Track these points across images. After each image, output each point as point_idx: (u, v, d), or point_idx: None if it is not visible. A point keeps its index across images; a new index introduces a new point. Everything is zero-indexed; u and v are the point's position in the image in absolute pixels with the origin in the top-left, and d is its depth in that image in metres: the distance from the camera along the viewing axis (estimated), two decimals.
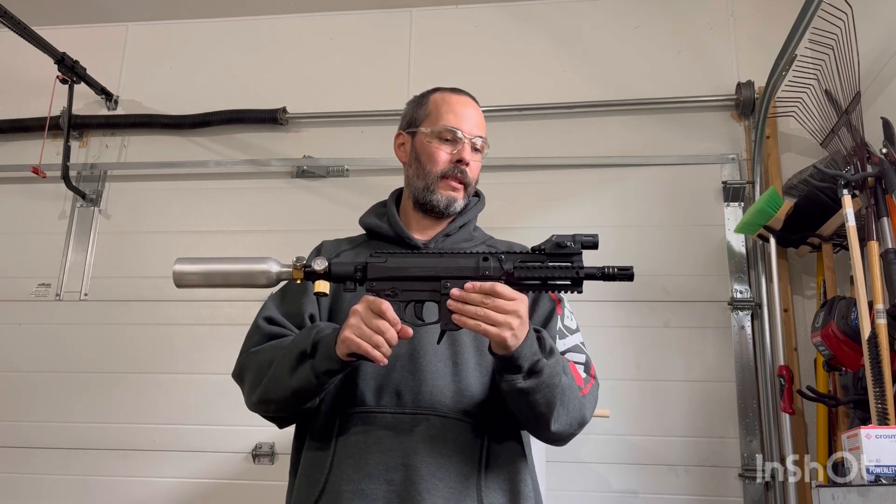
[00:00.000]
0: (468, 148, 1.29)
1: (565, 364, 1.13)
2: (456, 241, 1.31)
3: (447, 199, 1.28)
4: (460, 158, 1.28)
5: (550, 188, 2.59)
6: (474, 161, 1.31)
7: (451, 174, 1.27)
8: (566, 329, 1.26)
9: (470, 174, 1.30)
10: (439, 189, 1.28)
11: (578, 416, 1.14)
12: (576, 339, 1.26)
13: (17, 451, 2.54)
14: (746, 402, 2.28)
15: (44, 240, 2.79)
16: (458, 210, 1.30)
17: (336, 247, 1.34)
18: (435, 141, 1.29)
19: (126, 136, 2.90)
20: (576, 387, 1.13)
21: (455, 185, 1.28)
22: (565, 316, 1.27)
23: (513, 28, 2.79)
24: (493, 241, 1.35)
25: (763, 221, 2.21)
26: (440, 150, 1.28)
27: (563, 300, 1.28)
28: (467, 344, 1.18)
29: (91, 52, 2.85)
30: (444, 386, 1.15)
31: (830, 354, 1.89)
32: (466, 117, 1.32)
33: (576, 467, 2.29)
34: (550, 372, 1.05)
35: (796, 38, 1.98)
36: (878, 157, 1.84)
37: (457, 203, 1.29)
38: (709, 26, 2.68)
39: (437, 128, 1.29)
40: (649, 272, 2.43)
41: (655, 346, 2.38)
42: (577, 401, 1.13)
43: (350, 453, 1.12)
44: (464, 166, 1.28)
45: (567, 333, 1.26)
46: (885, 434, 1.40)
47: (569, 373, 1.13)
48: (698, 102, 2.58)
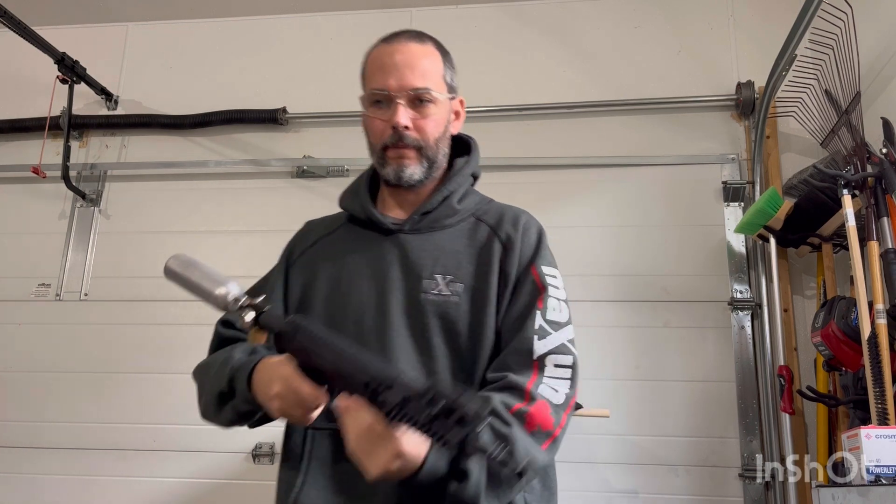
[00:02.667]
0: (401, 109, 1.07)
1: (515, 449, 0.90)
2: (437, 219, 1.13)
3: (395, 171, 1.10)
4: (394, 124, 1.08)
5: (550, 188, 2.59)
6: (422, 118, 1.09)
7: (390, 144, 1.09)
8: (550, 325, 1.06)
9: (416, 136, 1.09)
10: (388, 161, 1.11)
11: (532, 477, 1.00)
12: (562, 336, 1.06)
13: (17, 451, 2.54)
14: (746, 402, 2.28)
15: (44, 240, 2.79)
16: (421, 178, 1.12)
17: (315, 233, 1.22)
18: (371, 108, 1.11)
19: (126, 136, 2.90)
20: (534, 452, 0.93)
21: (399, 151, 1.10)
22: (549, 308, 1.06)
23: (513, 28, 2.79)
24: (485, 210, 1.17)
25: (763, 221, 2.21)
26: (375, 119, 1.11)
27: (550, 286, 1.09)
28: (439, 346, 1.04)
29: (91, 52, 2.85)
30: None
31: (830, 354, 1.89)
32: (394, 69, 1.09)
33: (576, 467, 2.29)
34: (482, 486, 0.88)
35: (796, 38, 1.98)
36: (878, 157, 1.84)
37: (409, 171, 1.10)
38: (709, 26, 2.68)
39: (367, 93, 1.12)
40: (649, 272, 2.44)
41: (655, 346, 2.38)
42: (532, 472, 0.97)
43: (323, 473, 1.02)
44: (402, 130, 1.08)
45: (550, 331, 1.05)
46: (885, 434, 1.40)
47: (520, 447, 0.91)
48: (698, 102, 2.58)
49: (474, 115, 2.69)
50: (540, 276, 1.09)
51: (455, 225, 1.14)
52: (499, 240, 1.11)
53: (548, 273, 1.10)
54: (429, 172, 1.13)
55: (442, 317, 1.05)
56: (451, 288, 1.07)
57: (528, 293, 1.07)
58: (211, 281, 0.96)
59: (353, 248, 1.15)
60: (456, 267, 1.08)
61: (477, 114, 2.69)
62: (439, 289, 1.06)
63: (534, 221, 1.18)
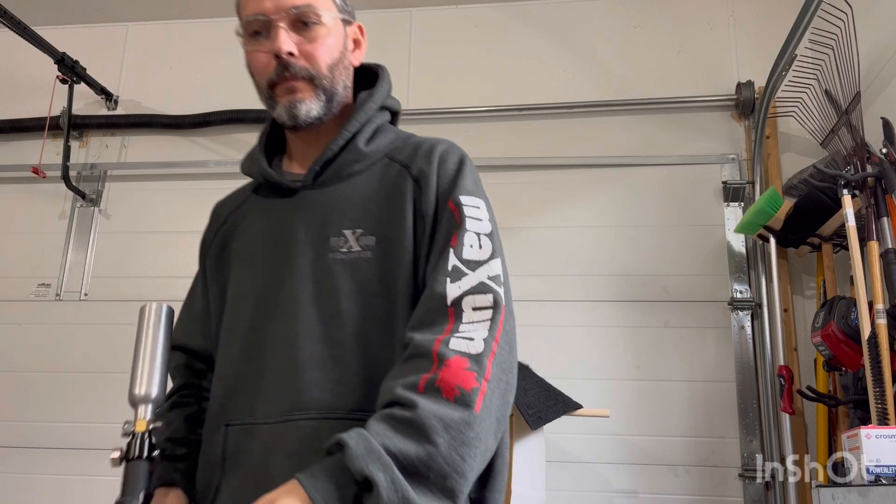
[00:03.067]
0: (282, 33, 0.92)
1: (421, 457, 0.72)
2: (341, 167, 0.97)
3: (287, 109, 0.94)
4: (275, 52, 0.92)
5: (550, 188, 2.59)
6: (309, 42, 0.94)
7: (277, 78, 0.94)
8: (466, 265, 0.86)
9: (305, 63, 0.93)
10: (277, 99, 0.95)
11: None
12: (482, 275, 0.85)
13: (18, 451, 2.54)
14: (746, 402, 2.28)
15: (44, 240, 2.79)
16: (319, 115, 0.95)
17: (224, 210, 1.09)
18: (250, 44, 0.96)
19: (126, 136, 2.90)
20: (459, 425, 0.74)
21: (288, 84, 0.94)
22: (465, 245, 0.87)
23: (513, 28, 2.79)
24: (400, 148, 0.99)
25: (763, 221, 2.21)
26: (256, 52, 0.95)
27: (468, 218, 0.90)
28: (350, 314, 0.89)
29: (91, 52, 2.85)
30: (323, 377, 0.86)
31: (830, 354, 1.89)
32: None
33: (576, 467, 2.29)
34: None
35: (796, 38, 1.98)
36: (878, 157, 1.84)
37: (304, 107, 0.94)
38: (709, 26, 2.68)
39: (243, 24, 0.97)
40: (649, 272, 2.44)
41: (655, 346, 2.38)
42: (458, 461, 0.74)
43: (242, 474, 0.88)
44: (286, 58, 0.92)
45: (466, 271, 0.85)
46: (885, 434, 1.40)
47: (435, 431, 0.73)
48: (698, 102, 2.58)
49: (475, 115, 2.69)
50: (457, 208, 0.90)
51: (365, 171, 0.97)
52: (411, 177, 0.94)
53: (466, 203, 0.91)
54: (328, 107, 0.96)
55: (353, 277, 0.90)
56: (361, 242, 0.91)
57: (443, 232, 0.89)
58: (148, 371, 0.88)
59: (258, 216, 1.01)
60: (366, 218, 0.93)
61: (477, 114, 2.69)
62: (349, 246, 0.91)
63: (454, 149, 0.99)
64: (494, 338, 0.82)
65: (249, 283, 0.96)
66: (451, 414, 0.74)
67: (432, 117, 2.67)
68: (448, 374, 0.77)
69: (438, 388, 0.76)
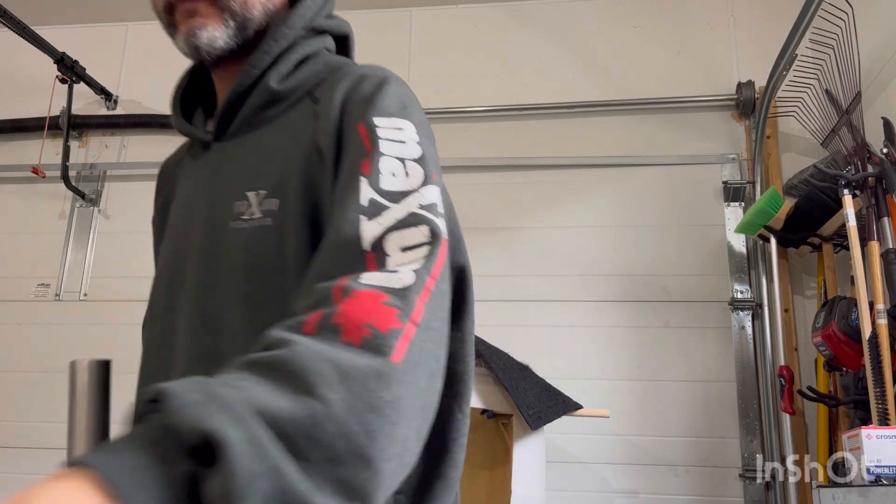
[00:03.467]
0: None
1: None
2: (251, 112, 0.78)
3: (186, 38, 0.75)
4: None
5: (550, 188, 2.58)
6: None
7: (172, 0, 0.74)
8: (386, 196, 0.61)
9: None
10: (176, 26, 0.76)
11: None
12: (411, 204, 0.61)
13: (18, 452, 2.54)
14: (747, 403, 2.28)
15: (43, 240, 2.79)
16: (228, 45, 0.75)
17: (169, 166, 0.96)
18: None
19: (126, 136, 2.90)
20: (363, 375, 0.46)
21: (184, 7, 0.74)
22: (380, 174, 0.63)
23: (513, 28, 2.79)
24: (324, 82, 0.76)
25: (763, 221, 2.21)
26: None
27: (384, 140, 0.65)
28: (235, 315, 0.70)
29: (91, 52, 2.85)
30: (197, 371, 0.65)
31: (831, 354, 1.89)
32: None
33: (576, 467, 2.29)
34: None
35: (797, 37, 1.97)
36: (878, 157, 1.84)
37: (206, 35, 0.74)
38: (709, 26, 2.68)
39: None
40: (649, 272, 2.43)
41: (656, 347, 2.38)
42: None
43: None
44: None
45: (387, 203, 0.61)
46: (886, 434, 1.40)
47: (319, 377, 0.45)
48: (698, 102, 2.58)
49: (475, 115, 2.69)
50: (369, 131, 0.66)
51: (280, 116, 0.77)
52: (313, 115, 0.73)
53: (382, 125, 0.67)
54: (239, 35, 0.76)
55: (251, 251, 0.70)
56: (263, 207, 0.71)
57: (349, 162, 0.66)
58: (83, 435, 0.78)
59: (186, 175, 0.87)
60: (269, 176, 0.73)
61: (477, 114, 2.69)
62: (251, 212, 0.72)
63: (377, 72, 0.74)
64: (430, 272, 0.57)
65: (164, 257, 0.83)
66: (354, 360, 0.47)
67: (432, 117, 2.65)
68: (353, 307, 0.51)
69: (336, 326, 0.49)
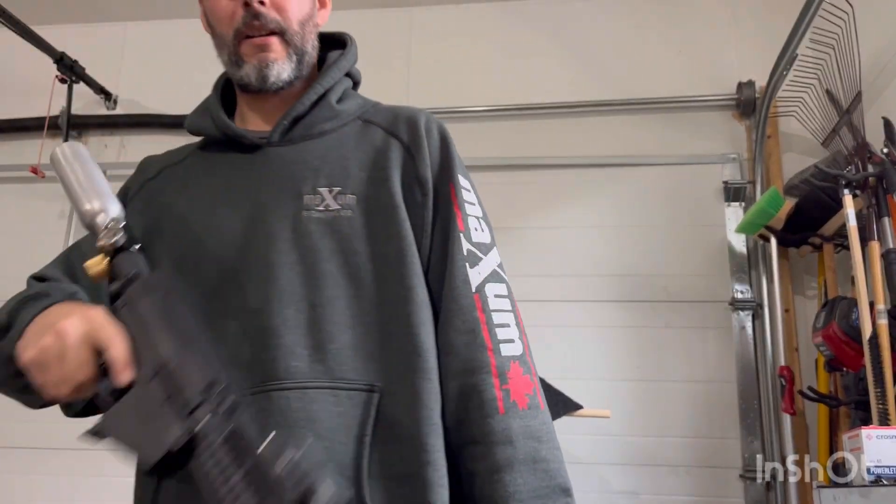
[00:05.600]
0: None
1: None
2: (312, 124, 0.91)
3: (258, 70, 0.88)
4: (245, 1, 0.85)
5: (550, 188, 2.58)
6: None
7: (244, 29, 0.87)
8: (477, 248, 0.86)
9: (276, 16, 0.87)
10: (244, 57, 0.88)
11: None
12: (493, 261, 0.87)
13: (18, 452, 2.53)
14: (747, 403, 2.28)
15: (43, 240, 2.78)
16: (290, 78, 0.90)
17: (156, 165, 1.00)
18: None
19: (125, 136, 2.89)
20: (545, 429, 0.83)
21: (258, 42, 0.87)
22: (471, 230, 0.86)
23: (513, 27, 2.79)
24: (373, 112, 0.95)
25: (764, 221, 2.21)
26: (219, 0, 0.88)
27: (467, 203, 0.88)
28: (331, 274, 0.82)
29: (90, 52, 2.84)
30: (296, 343, 0.79)
31: (831, 355, 1.89)
32: None
33: (576, 467, 2.29)
34: None
35: (797, 37, 1.97)
36: (879, 157, 1.84)
37: (276, 69, 0.88)
38: (709, 26, 2.68)
39: None
40: (650, 272, 2.43)
41: (656, 347, 2.37)
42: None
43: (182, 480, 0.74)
44: (257, 7, 0.86)
45: (480, 255, 0.86)
46: (886, 434, 1.40)
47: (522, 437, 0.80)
48: (699, 102, 2.58)
49: (475, 114, 2.69)
50: (456, 189, 0.88)
51: (336, 130, 0.92)
52: (398, 142, 0.90)
53: (463, 186, 0.89)
54: (298, 70, 0.90)
55: (334, 236, 0.83)
56: (340, 201, 0.85)
57: (446, 213, 0.86)
58: (90, 189, 0.81)
59: (209, 173, 0.93)
60: (343, 177, 0.87)
61: (477, 113, 2.69)
62: (325, 204, 0.85)
63: (434, 120, 0.94)
64: (522, 331, 0.87)
65: (197, 246, 0.86)
66: (537, 426, 0.80)
67: None
68: (516, 385, 0.80)
69: (513, 403, 0.79)
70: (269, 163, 0.89)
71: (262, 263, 0.82)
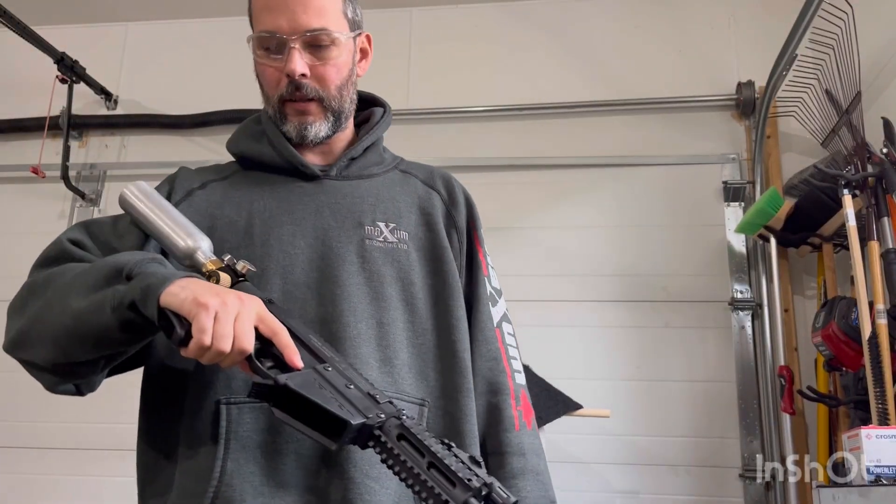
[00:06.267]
0: (296, 55, 0.93)
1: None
2: (365, 166, 1.04)
3: (297, 130, 0.98)
4: (288, 73, 0.94)
5: (550, 188, 2.58)
6: (322, 63, 0.95)
7: (287, 97, 0.96)
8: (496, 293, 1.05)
9: (316, 86, 0.96)
10: (286, 117, 0.98)
11: None
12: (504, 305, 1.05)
13: (17, 451, 2.53)
14: (747, 403, 2.28)
15: (43, 240, 2.72)
16: (327, 135, 0.99)
17: (200, 177, 1.04)
18: (261, 55, 0.97)
19: (126, 136, 2.90)
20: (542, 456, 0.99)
21: (299, 107, 0.97)
22: (491, 277, 1.05)
23: (513, 28, 2.79)
24: (406, 165, 1.09)
25: (763, 221, 2.21)
26: (267, 65, 0.97)
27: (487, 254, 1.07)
28: (392, 297, 0.94)
29: (90, 52, 2.84)
30: (369, 354, 0.88)
31: (831, 354, 1.89)
32: (284, 7, 0.93)
33: (576, 467, 2.29)
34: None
35: (797, 37, 1.98)
36: (878, 157, 1.84)
37: (314, 130, 0.98)
38: (709, 26, 2.68)
39: (256, 34, 0.97)
40: (650, 272, 2.43)
41: (656, 347, 2.37)
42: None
43: (251, 458, 0.82)
44: (299, 80, 0.94)
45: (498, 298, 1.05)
46: (886, 434, 1.40)
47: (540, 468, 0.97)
48: (699, 102, 2.58)
49: (475, 115, 2.69)
50: (480, 243, 1.06)
51: (381, 175, 1.05)
52: (438, 195, 1.05)
53: (484, 239, 1.08)
54: (335, 127, 1.00)
55: (393, 264, 0.95)
56: (396, 235, 0.98)
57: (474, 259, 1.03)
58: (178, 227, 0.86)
59: (263, 193, 0.99)
60: (397, 215, 1.00)
61: (477, 114, 2.69)
62: (384, 236, 0.97)
63: (458, 181, 1.11)
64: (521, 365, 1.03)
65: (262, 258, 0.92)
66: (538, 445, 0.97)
67: (432, 117, 2.66)
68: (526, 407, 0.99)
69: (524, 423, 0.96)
70: (330, 193, 1.00)
71: (333, 280, 0.92)
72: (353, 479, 0.81)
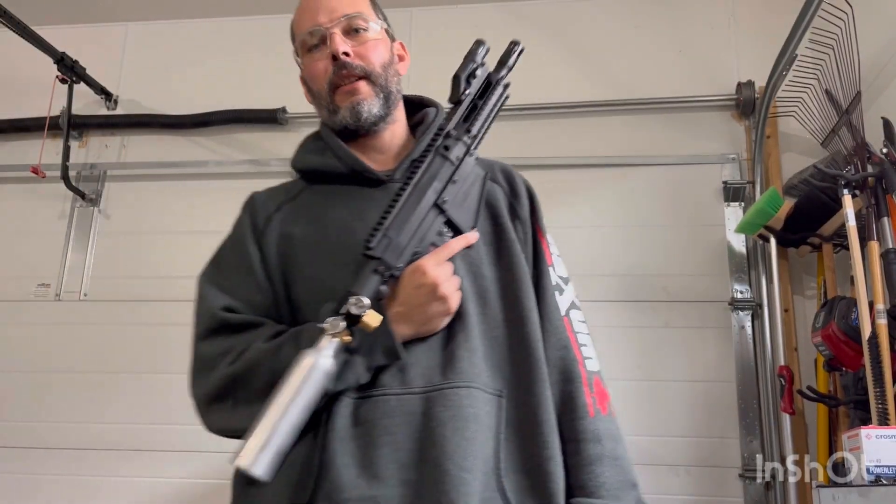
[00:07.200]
0: (337, 37, 1.01)
1: None
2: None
3: (351, 108, 1.02)
4: (333, 55, 1.00)
5: (550, 188, 2.57)
6: (357, 44, 1.03)
7: (335, 79, 1.02)
8: (563, 281, 1.09)
9: (359, 62, 1.02)
10: (338, 104, 1.03)
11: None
12: (572, 293, 1.09)
13: (17, 451, 2.53)
14: (747, 403, 2.28)
15: (43, 240, 2.78)
16: (381, 114, 1.04)
17: (273, 200, 1.08)
18: (307, 58, 1.05)
19: (126, 136, 2.90)
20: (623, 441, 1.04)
21: (348, 88, 1.02)
22: (555, 266, 1.09)
23: (513, 28, 2.79)
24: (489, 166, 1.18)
25: (763, 221, 2.21)
26: (314, 62, 1.03)
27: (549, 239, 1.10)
28: (467, 290, 0.97)
29: (90, 52, 2.84)
30: (455, 346, 0.93)
31: (831, 354, 1.89)
32: (320, 5, 1.03)
33: None
34: None
35: (797, 37, 1.97)
36: (878, 157, 1.84)
37: (367, 106, 1.02)
38: (709, 26, 2.68)
39: (299, 43, 1.05)
40: (650, 272, 2.43)
41: (656, 346, 2.38)
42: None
43: (347, 450, 0.85)
44: (343, 58, 1.00)
45: (564, 287, 1.08)
46: (886, 434, 1.40)
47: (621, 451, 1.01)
48: (698, 102, 2.58)
49: None
50: (542, 231, 1.10)
51: None
52: (500, 188, 1.11)
53: (546, 228, 1.11)
54: (386, 107, 1.05)
55: (465, 259, 0.99)
56: None
57: (539, 249, 1.07)
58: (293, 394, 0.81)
59: (334, 204, 1.04)
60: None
61: None
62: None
63: (518, 173, 1.18)
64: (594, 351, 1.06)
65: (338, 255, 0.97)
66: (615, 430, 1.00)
67: None
68: (601, 395, 1.03)
69: (599, 409, 1.00)
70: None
71: None
72: (448, 472, 0.83)
